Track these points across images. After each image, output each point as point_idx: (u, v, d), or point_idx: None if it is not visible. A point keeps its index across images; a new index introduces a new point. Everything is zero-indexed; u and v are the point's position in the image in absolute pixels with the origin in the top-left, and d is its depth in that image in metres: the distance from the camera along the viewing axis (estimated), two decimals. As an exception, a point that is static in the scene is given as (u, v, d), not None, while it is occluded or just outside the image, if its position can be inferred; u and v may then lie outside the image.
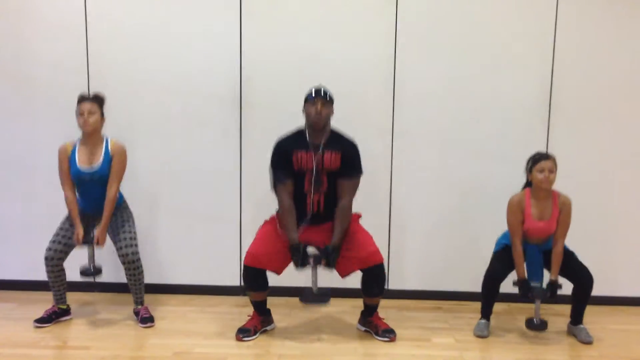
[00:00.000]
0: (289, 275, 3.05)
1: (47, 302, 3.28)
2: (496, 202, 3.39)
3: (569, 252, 3.13)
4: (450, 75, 3.62)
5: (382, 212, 3.71)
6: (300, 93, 3.59)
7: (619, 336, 3.20)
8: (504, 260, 3.14)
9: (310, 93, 3.03)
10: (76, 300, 3.44)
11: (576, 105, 3.61)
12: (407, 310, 3.57)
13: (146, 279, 3.26)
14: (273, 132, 3.62)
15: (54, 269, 3.14)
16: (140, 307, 3.27)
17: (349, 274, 3.04)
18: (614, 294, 3.70)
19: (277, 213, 3.08)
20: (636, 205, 3.69)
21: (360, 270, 3.01)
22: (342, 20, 3.61)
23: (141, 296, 3.28)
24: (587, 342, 3.06)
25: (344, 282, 3.11)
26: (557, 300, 3.02)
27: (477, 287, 3.16)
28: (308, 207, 3.03)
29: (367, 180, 3.17)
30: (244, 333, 3.04)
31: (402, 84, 3.63)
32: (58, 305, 3.25)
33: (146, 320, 3.21)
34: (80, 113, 3.09)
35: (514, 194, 3.15)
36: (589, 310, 3.14)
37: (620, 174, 3.66)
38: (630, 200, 3.68)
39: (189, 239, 3.78)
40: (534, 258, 3.09)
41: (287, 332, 3.17)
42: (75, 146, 3.16)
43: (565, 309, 3.18)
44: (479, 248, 3.56)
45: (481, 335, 3.13)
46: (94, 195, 3.16)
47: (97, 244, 3.11)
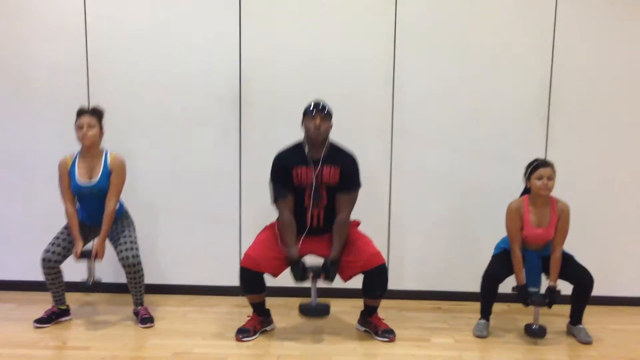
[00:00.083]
0: (288, 275, 3.05)
1: (47, 302, 3.28)
2: (495, 202, 3.40)
3: (567, 256, 3.13)
4: (449, 75, 3.62)
5: (381, 212, 3.72)
6: (300, 93, 3.61)
7: (619, 336, 3.20)
8: (502, 262, 3.14)
9: (309, 107, 3.00)
10: (76, 300, 3.44)
11: (575, 105, 3.62)
12: (407, 311, 3.57)
13: (146, 279, 3.26)
14: (273, 132, 3.65)
15: (51, 271, 3.13)
16: (140, 308, 3.27)
17: (351, 277, 3.04)
18: (613, 294, 3.70)
19: (277, 224, 3.08)
20: (636, 205, 3.69)
21: (362, 272, 3.01)
22: (341, 20, 3.61)
23: (141, 297, 3.28)
24: (586, 342, 3.06)
25: (343, 283, 3.10)
26: (556, 301, 3.02)
27: (476, 287, 3.17)
28: (308, 221, 3.05)
29: (366, 180, 3.17)
30: (243, 333, 3.05)
31: (401, 84, 3.63)
32: (58, 306, 3.25)
33: (146, 320, 3.21)
34: (79, 126, 3.08)
35: (512, 200, 3.15)
36: (588, 310, 3.14)
37: (620, 174, 3.67)
38: (630, 200, 3.68)
39: (188, 239, 3.78)
40: (532, 264, 3.09)
41: (286, 332, 3.17)
42: (74, 160, 3.16)
43: (565, 309, 3.18)
44: (478, 248, 3.57)
45: (480, 335, 3.13)
46: (93, 207, 3.17)
47: (95, 257, 3.11)
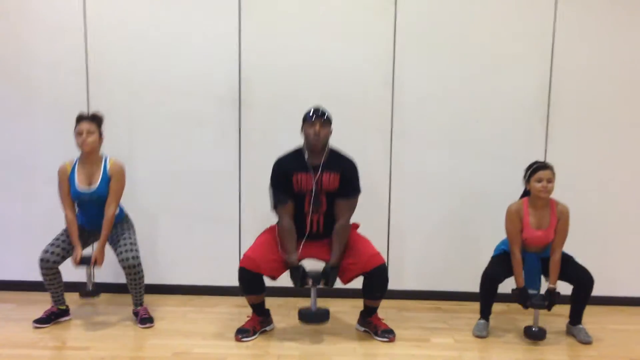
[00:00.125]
0: (288, 276, 3.04)
1: (46, 302, 3.27)
2: (495, 202, 3.40)
3: (567, 257, 3.13)
4: (449, 75, 3.62)
5: (381, 212, 3.71)
6: (300, 94, 3.61)
7: (618, 336, 3.20)
8: (502, 263, 3.14)
9: (309, 113, 3.00)
10: (75, 300, 3.43)
11: (575, 106, 3.62)
12: (407, 311, 3.57)
13: (145, 279, 3.25)
14: (272, 133, 3.65)
15: (49, 271, 3.12)
16: (139, 308, 3.27)
17: (351, 279, 3.04)
18: (613, 294, 3.70)
19: (277, 229, 3.07)
20: (635, 205, 3.69)
21: (362, 274, 3.00)
22: (341, 20, 3.61)
23: (141, 298, 3.27)
24: (586, 342, 3.06)
25: (344, 285, 3.10)
26: (556, 303, 3.02)
27: (476, 287, 3.16)
28: (307, 227, 3.05)
29: (366, 180, 3.17)
30: (243, 333, 3.05)
31: (401, 84, 3.63)
32: (57, 306, 3.25)
33: (145, 320, 3.21)
34: (78, 133, 3.08)
35: (511, 201, 3.15)
36: (588, 310, 3.14)
37: (620, 174, 3.67)
38: (630, 200, 3.68)
39: (188, 239, 3.78)
40: (532, 266, 3.09)
41: (286, 332, 3.17)
42: (74, 166, 3.16)
43: (565, 309, 3.18)
44: (478, 248, 3.57)
45: (480, 335, 3.13)
46: (93, 213, 3.18)
47: (95, 264, 3.11)
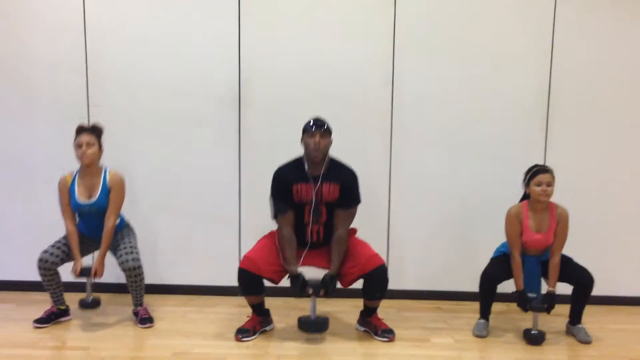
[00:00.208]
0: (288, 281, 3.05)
1: (46, 302, 3.27)
2: (495, 202, 3.41)
3: (566, 258, 3.13)
4: (448, 76, 3.62)
5: (381, 212, 3.71)
6: (300, 94, 3.62)
7: (618, 336, 3.20)
8: (501, 265, 3.14)
9: (309, 124, 3.00)
10: (75, 300, 3.43)
11: (574, 106, 3.62)
12: (406, 311, 3.57)
13: (145, 279, 3.24)
14: (272, 133, 3.65)
15: (47, 272, 3.11)
16: (139, 308, 3.27)
17: (351, 282, 3.04)
18: (613, 294, 3.71)
19: (277, 238, 3.06)
20: (635, 205, 3.69)
21: (362, 276, 3.00)
22: (340, 21, 3.61)
23: (141, 298, 3.27)
24: (585, 341, 3.06)
25: (344, 288, 3.11)
26: (555, 306, 3.02)
27: (476, 287, 3.16)
28: (308, 237, 3.06)
29: (366, 180, 3.17)
30: (243, 333, 3.05)
31: (401, 84, 3.63)
32: (57, 306, 3.25)
33: (145, 320, 3.21)
34: (78, 145, 3.08)
35: (511, 202, 3.15)
36: (587, 310, 3.14)
37: (619, 174, 3.67)
38: (629, 200, 3.69)
39: (188, 239, 3.78)
40: (532, 270, 3.09)
41: (286, 332, 3.17)
42: (74, 178, 3.16)
43: (564, 309, 3.18)
44: (478, 248, 3.57)
45: (480, 335, 3.13)
46: (94, 224, 3.19)
47: (95, 276, 3.11)
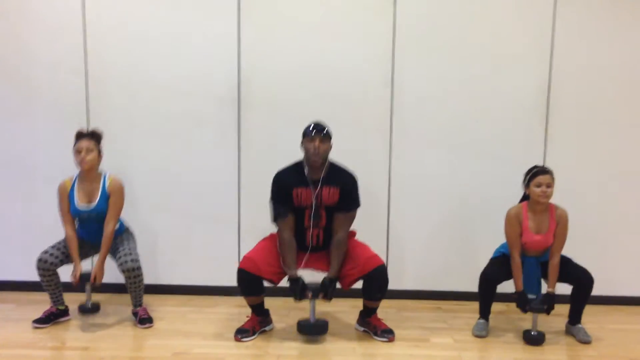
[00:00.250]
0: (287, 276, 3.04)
1: (46, 302, 3.27)
2: (494, 202, 3.41)
3: (565, 259, 3.13)
4: (448, 76, 3.62)
5: (381, 212, 3.71)
6: (299, 94, 3.62)
7: (617, 336, 3.20)
8: (500, 265, 3.14)
9: (308, 129, 3.00)
10: (75, 301, 3.43)
11: (574, 106, 3.62)
12: (406, 311, 3.57)
13: (145, 279, 3.24)
14: (272, 133, 3.65)
15: (45, 272, 3.11)
16: (139, 308, 3.27)
17: (351, 284, 3.04)
18: (612, 294, 3.71)
19: (278, 241, 3.06)
20: (635, 205, 3.69)
21: (362, 277, 3.00)
22: (340, 21, 3.61)
23: (140, 299, 3.27)
24: (585, 341, 3.06)
25: (345, 290, 3.11)
26: (554, 307, 3.02)
27: (476, 287, 3.16)
28: (307, 241, 3.06)
29: (366, 180, 3.18)
30: (242, 333, 3.05)
31: (400, 84, 3.63)
32: (56, 306, 3.25)
33: (145, 320, 3.21)
34: (77, 151, 3.07)
35: (510, 202, 3.15)
36: (587, 310, 3.14)
37: (619, 174, 3.67)
38: (629, 200, 3.69)
39: (187, 239, 3.78)
40: (531, 271, 3.09)
41: (285, 332, 3.17)
42: (73, 184, 3.16)
43: (564, 309, 3.18)
44: (478, 248, 3.58)
45: (480, 335, 3.13)
46: (93, 229, 3.19)
47: (94, 282, 3.11)
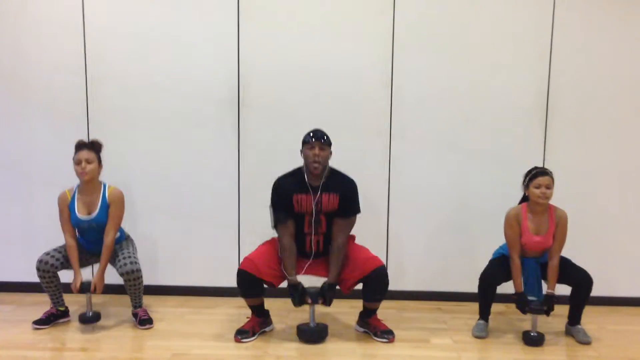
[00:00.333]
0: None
1: (46, 304, 3.28)
2: (494, 204, 3.42)
3: (565, 259, 3.13)
4: (448, 77, 3.62)
5: (380, 212, 3.71)
6: (299, 94, 3.62)
7: (617, 336, 3.20)
8: (500, 266, 3.14)
9: (308, 135, 3.00)
10: (74, 302, 3.43)
11: (574, 107, 3.62)
12: (406, 311, 3.58)
13: (144, 280, 3.24)
14: (271, 134, 3.65)
15: (45, 274, 3.10)
16: (138, 309, 3.27)
17: (352, 287, 3.05)
18: (612, 294, 3.71)
19: (279, 246, 3.06)
20: (634, 206, 3.69)
21: (362, 279, 3.00)
22: (339, 22, 3.61)
23: (140, 300, 3.27)
24: (585, 342, 3.06)
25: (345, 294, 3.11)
26: (554, 308, 3.02)
27: (475, 288, 3.16)
28: (307, 247, 3.07)
29: (365, 181, 3.17)
30: (242, 334, 3.05)
31: (400, 85, 3.63)
32: (56, 307, 3.25)
33: (144, 322, 3.21)
34: (77, 162, 3.08)
35: (510, 202, 3.16)
36: (586, 311, 3.15)
37: (618, 175, 3.67)
38: (628, 201, 3.68)
39: (187, 240, 3.78)
40: (531, 272, 3.10)
41: (285, 333, 3.17)
42: (74, 194, 3.16)
43: (564, 309, 3.18)
44: (477, 249, 3.58)
45: (479, 336, 3.13)
46: (93, 238, 3.20)
47: (94, 291, 3.11)
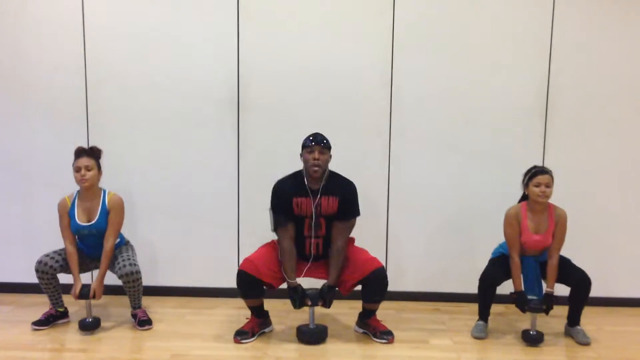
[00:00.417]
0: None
1: (45, 304, 3.28)
2: (493, 204, 3.41)
3: (564, 259, 3.13)
4: (447, 77, 3.62)
5: (380, 213, 3.72)
6: (299, 95, 3.62)
7: (616, 337, 3.20)
8: (500, 265, 3.14)
9: (308, 139, 3.00)
10: (74, 303, 3.42)
11: (573, 106, 3.62)
12: (405, 312, 3.58)
13: (144, 281, 3.24)
14: (271, 134, 3.65)
15: (44, 275, 3.10)
16: (138, 310, 3.27)
17: (351, 289, 3.05)
18: (611, 295, 3.71)
19: (279, 249, 3.07)
20: (633, 206, 3.70)
21: (361, 281, 3.00)
22: (339, 22, 3.61)
23: (139, 301, 3.27)
24: (584, 343, 3.07)
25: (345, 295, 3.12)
26: (553, 307, 3.03)
27: (475, 289, 3.16)
28: (307, 250, 3.07)
29: (365, 181, 3.17)
30: (241, 335, 3.05)
31: (399, 85, 3.63)
32: (56, 308, 3.25)
33: (144, 322, 3.21)
34: (77, 169, 3.08)
35: (510, 203, 3.16)
36: (585, 312, 3.15)
37: (617, 175, 3.67)
38: (627, 201, 3.69)
39: (186, 240, 3.78)
40: (530, 271, 3.10)
41: (284, 334, 3.17)
42: (74, 201, 3.16)
43: (563, 310, 3.18)
44: (477, 249, 3.58)
45: (479, 336, 3.13)
46: (93, 244, 3.20)
47: (93, 297, 3.10)
